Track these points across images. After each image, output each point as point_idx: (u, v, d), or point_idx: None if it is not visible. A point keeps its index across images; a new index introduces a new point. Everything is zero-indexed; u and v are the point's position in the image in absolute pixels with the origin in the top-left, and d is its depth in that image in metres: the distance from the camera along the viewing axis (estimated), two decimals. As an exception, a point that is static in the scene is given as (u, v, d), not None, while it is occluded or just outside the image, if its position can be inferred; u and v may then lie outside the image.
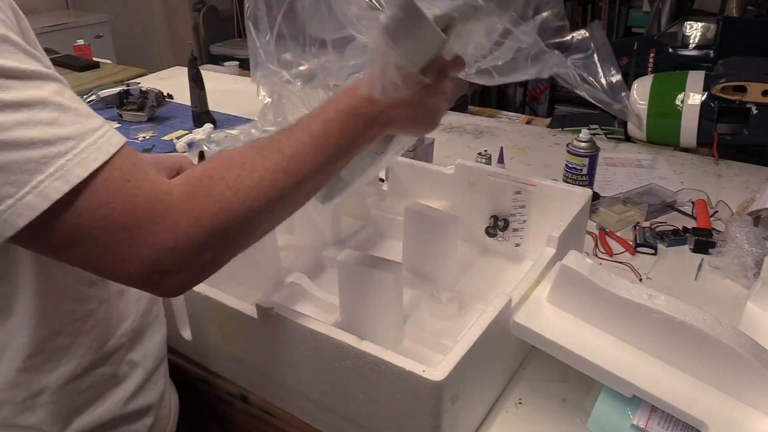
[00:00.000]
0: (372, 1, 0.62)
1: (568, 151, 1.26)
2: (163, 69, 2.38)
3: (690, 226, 1.18)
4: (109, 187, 0.48)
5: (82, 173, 0.47)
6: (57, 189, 0.46)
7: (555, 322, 0.76)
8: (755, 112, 1.42)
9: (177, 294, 0.55)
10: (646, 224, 1.21)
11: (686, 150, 1.55)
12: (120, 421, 0.72)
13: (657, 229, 1.19)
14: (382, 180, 1.18)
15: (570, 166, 1.26)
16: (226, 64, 2.57)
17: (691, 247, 1.14)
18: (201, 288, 0.81)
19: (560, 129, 1.86)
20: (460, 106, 2.49)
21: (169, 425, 0.81)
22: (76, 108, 0.49)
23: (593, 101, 0.74)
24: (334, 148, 0.61)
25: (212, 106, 1.77)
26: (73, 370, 0.66)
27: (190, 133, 1.68)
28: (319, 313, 0.93)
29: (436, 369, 0.63)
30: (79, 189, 0.47)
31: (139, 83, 2.04)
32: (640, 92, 1.51)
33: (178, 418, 0.87)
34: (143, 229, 0.49)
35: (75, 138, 0.48)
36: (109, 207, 0.48)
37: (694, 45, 1.82)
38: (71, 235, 0.48)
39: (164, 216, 0.50)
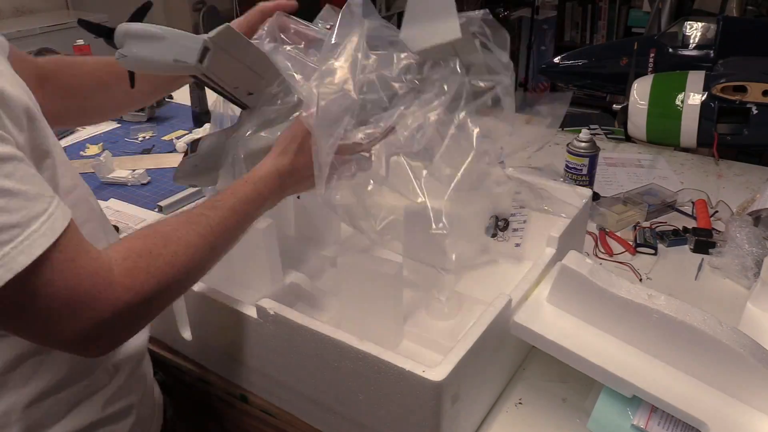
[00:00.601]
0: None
1: (568, 151, 1.26)
2: (163, 69, 2.37)
3: (690, 226, 1.18)
4: (54, 267, 0.51)
5: (26, 261, 0.49)
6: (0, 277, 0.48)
7: (555, 323, 0.76)
8: (755, 112, 1.42)
9: (101, 355, 0.59)
10: (646, 224, 1.20)
11: (686, 150, 1.55)
12: (99, 424, 0.71)
13: (657, 229, 1.19)
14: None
15: (570, 166, 1.26)
16: (226, 64, 2.56)
17: (691, 247, 1.14)
18: (201, 288, 0.81)
19: (560, 129, 1.86)
20: (460, 106, 2.48)
21: (154, 424, 0.81)
22: (25, 191, 0.51)
23: None
24: (249, 220, 0.71)
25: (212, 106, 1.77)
26: (45, 386, 0.65)
27: (190, 133, 1.68)
28: (318, 313, 0.93)
29: (437, 369, 0.63)
30: (23, 273, 0.49)
31: (139, 83, 2.04)
32: (640, 92, 1.50)
33: (173, 417, 0.87)
34: (84, 304, 0.52)
35: (20, 225, 0.49)
36: (53, 286, 0.51)
37: (694, 45, 1.82)
38: (13, 311, 0.51)
39: (105, 291, 0.53)
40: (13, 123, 0.55)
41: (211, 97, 1.78)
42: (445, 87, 0.76)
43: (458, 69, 0.77)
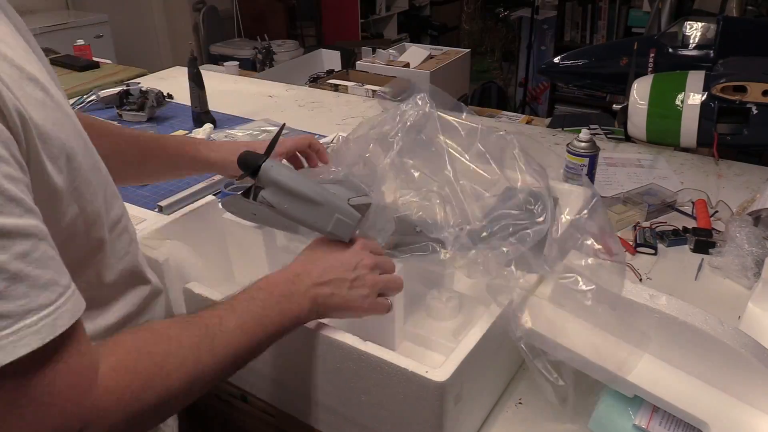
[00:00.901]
0: None
1: (568, 151, 1.26)
2: (163, 69, 2.38)
3: (690, 226, 1.18)
4: (42, 368, 0.44)
5: (3, 359, 0.42)
6: None
7: (557, 322, 0.76)
8: (755, 112, 1.42)
9: None
10: (646, 224, 1.21)
11: (686, 150, 1.55)
12: None
13: (657, 229, 1.19)
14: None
15: (570, 166, 1.26)
16: (226, 64, 2.57)
17: (691, 247, 1.14)
18: (201, 290, 0.81)
19: (560, 129, 1.86)
20: (460, 106, 2.49)
21: None
22: (34, 277, 0.44)
23: None
24: (259, 327, 0.61)
25: (212, 106, 1.77)
26: None
27: (190, 133, 1.68)
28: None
29: (440, 370, 0.63)
30: None
31: (139, 83, 2.04)
32: (640, 92, 1.50)
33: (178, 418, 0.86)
34: (63, 410, 0.45)
35: (13, 317, 0.42)
36: (25, 388, 0.44)
37: (694, 45, 1.82)
38: None
39: (85, 395, 0.47)
40: (53, 164, 0.50)
41: (212, 97, 1.78)
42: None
43: None
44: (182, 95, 1.86)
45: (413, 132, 0.82)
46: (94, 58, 2.45)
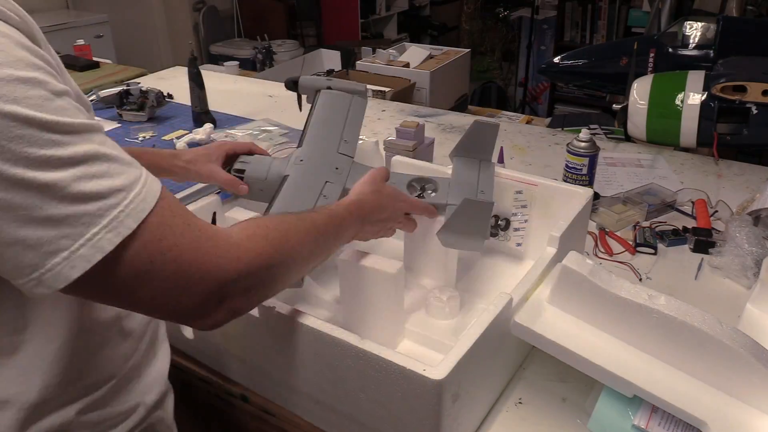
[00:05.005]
0: None
1: (568, 151, 1.26)
2: (163, 69, 2.38)
3: (690, 226, 1.18)
4: (171, 230, 0.51)
5: (133, 224, 0.49)
6: (110, 241, 0.48)
7: (555, 323, 0.76)
8: (755, 111, 1.42)
9: (218, 326, 0.57)
10: (646, 224, 1.21)
11: (686, 150, 1.55)
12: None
13: (657, 229, 1.19)
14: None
15: (570, 165, 1.26)
16: (226, 64, 2.57)
17: (691, 247, 1.14)
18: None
19: (560, 129, 1.86)
20: (460, 106, 2.49)
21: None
22: (119, 157, 0.51)
23: None
24: (337, 235, 0.74)
25: (212, 106, 1.77)
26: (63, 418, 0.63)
27: (190, 132, 1.68)
28: (319, 311, 0.93)
29: (437, 368, 0.63)
30: (136, 238, 0.49)
31: (139, 83, 2.04)
32: (640, 92, 1.51)
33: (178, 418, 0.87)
34: (209, 264, 0.53)
35: (125, 189, 0.49)
36: (178, 249, 0.51)
37: (694, 45, 1.82)
38: (137, 280, 0.50)
39: (229, 251, 0.55)
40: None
41: (212, 97, 1.78)
42: None
43: None
44: (182, 95, 1.86)
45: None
46: (94, 58, 2.45)
